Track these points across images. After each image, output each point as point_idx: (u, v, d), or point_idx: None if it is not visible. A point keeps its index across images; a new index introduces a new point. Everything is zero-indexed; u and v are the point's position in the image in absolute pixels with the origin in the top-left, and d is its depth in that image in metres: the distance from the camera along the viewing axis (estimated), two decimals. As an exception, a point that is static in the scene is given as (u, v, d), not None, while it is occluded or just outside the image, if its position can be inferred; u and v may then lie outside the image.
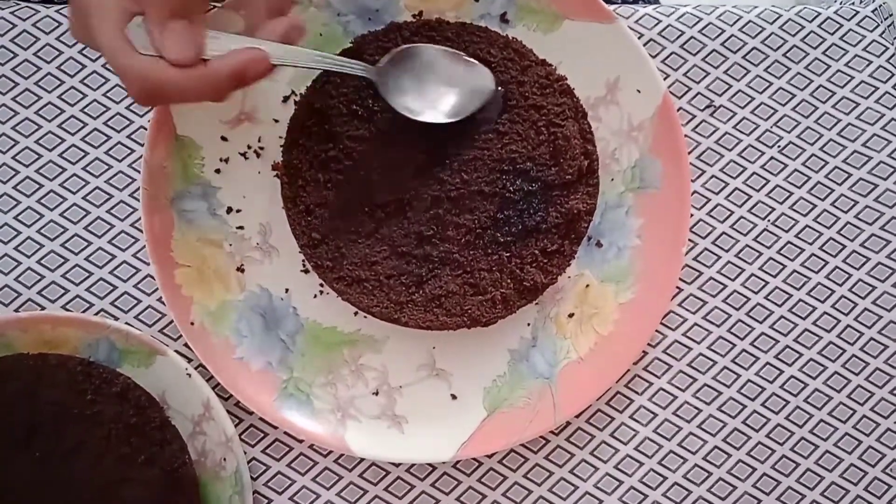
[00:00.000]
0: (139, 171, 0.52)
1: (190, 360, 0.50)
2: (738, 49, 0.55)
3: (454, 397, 0.51)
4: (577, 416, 0.52)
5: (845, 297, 0.53)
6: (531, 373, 0.51)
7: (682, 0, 0.58)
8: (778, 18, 0.55)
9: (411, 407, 0.51)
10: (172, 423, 0.48)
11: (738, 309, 0.53)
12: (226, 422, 0.48)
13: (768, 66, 0.55)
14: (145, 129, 0.52)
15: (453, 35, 0.51)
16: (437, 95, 0.49)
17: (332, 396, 0.50)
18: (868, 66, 0.55)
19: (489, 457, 0.51)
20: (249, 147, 0.52)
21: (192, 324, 0.50)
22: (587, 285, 0.52)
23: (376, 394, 0.51)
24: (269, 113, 0.52)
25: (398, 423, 0.50)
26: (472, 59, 0.49)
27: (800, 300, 0.53)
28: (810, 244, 0.54)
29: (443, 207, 0.49)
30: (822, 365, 0.53)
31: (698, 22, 0.55)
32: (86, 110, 0.53)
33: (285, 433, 0.51)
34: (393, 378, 0.51)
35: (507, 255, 0.49)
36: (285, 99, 0.52)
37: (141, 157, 0.52)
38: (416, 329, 0.49)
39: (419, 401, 0.51)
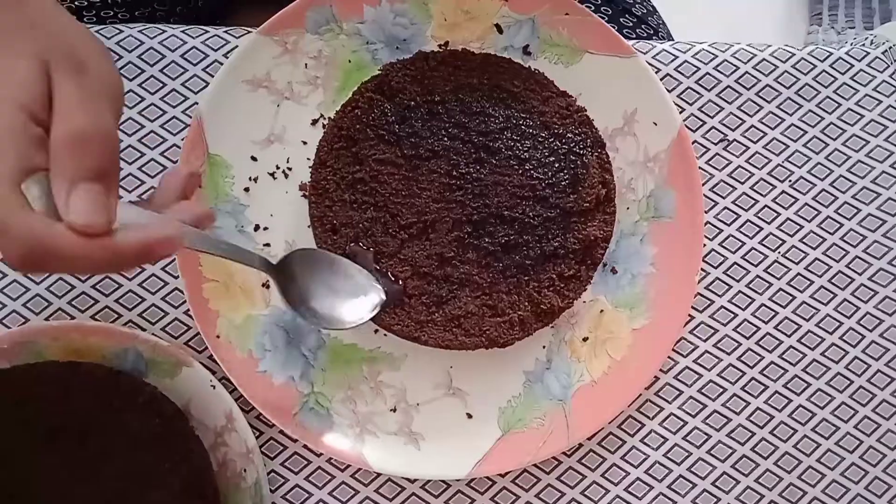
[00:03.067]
0: (171, 188, 0.53)
1: (214, 373, 0.51)
2: (752, 86, 0.57)
3: (470, 416, 0.52)
4: (590, 439, 0.53)
5: (853, 329, 0.55)
6: (545, 394, 0.52)
7: (698, 37, 0.60)
8: (791, 57, 0.57)
9: (428, 424, 0.52)
10: (196, 434, 0.50)
11: (748, 338, 0.54)
12: (247, 433, 0.50)
13: (781, 103, 0.57)
14: (178, 147, 0.54)
15: (478, 65, 0.53)
16: (327, 303, 0.48)
17: (352, 412, 0.52)
18: (878, 105, 0.57)
19: (502, 476, 0.52)
20: (278, 167, 0.54)
21: (218, 337, 0.51)
22: (602, 310, 0.53)
23: (394, 410, 0.52)
24: (298, 135, 0.54)
25: (415, 439, 0.52)
26: (367, 274, 0.50)
27: (808, 331, 0.54)
28: (819, 277, 0.55)
29: (464, 230, 0.51)
30: (830, 395, 0.54)
31: (714, 59, 0.57)
32: (121, 127, 0.55)
33: (304, 447, 0.52)
34: (411, 395, 0.52)
35: (526, 278, 0.51)
36: (314, 122, 0.54)
37: (173, 174, 0.54)
38: (434, 348, 0.51)
39: (436, 419, 0.52)
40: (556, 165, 0.51)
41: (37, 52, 0.35)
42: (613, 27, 0.54)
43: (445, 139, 0.51)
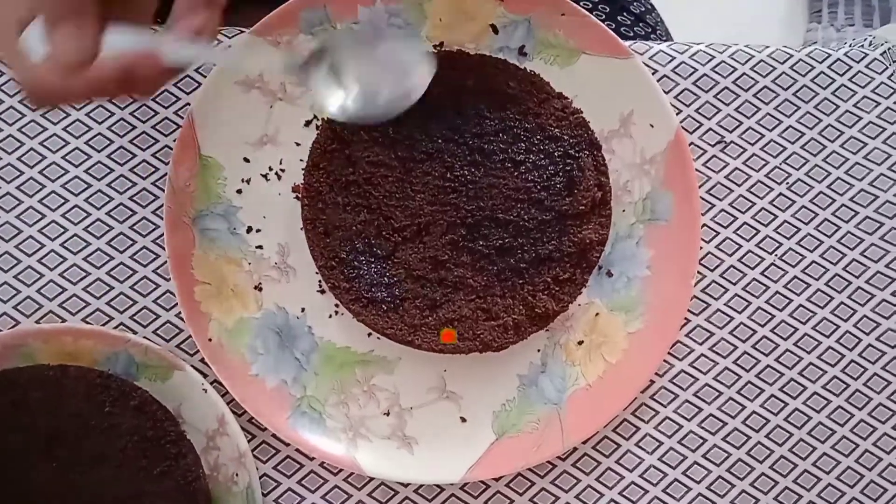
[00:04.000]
0: (162, 189, 0.53)
1: (206, 376, 0.51)
2: (750, 87, 0.56)
3: (464, 420, 0.52)
4: (584, 443, 0.52)
5: (850, 333, 0.54)
6: (540, 398, 0.52)
7: (697, 33, 0.59)
8: (789, 59, 0.57)
9: (421, 428, 0.52)
10: (187, 438, 0.49)
11: (744, 341, 0.54)
12: (239, 437, 0.49)
13: (778, 105, 0.56)
14: (170, 148, 0.54)
15: (473, 66, 0.52)
16: (361, 91, 0.44)
17: (345, 416, 0.51)
18: (876, 107, 0.57)
19: (496, 480, 0.52)
20: (271, 169, 0.53)
21: (210, 340, 0.51)
22: (597, 314, 0.53)
23: (387, 414, 0.52)
24: (291, 136, 0.53)
25: (408, 443, 0.51)
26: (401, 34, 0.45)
27: (805, 334, 0.54)
28: (816, 279, 0.55)
29: (458, 233, 0.50)
30: (826, 399, 0.54)
31: (711, 60, 0.56)
32: (112, 128, 0.54)
33: (297, 450, 0.52)
34: (404, 399, 0.52)
35: (520, 281, 0.50)
36: (307, 123, 0.54)
37: (165, 175, 0.53)
38: (428, 352, 0.50)
39: (429, 422, 0.52)
40: (552, 168, 0.51)
41: None
42: (611, 25, 0.54)
43: (440, 141, 0.51)
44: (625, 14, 0.69)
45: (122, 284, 0.53)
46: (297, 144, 0.53)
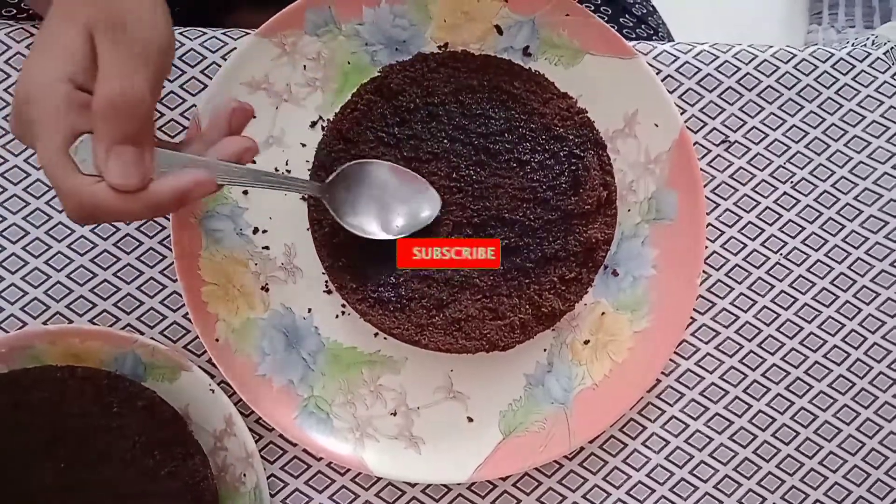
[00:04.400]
0: (169, 191, 0.53)
1: (213, 376, 0.51)
2: (753, 87, 0.56)
3: (470, 420, 0.52)
4: (591, 442, 0.52)
5: (855, 331, 0.54)
6: (546, 398, 0.52)
7: (698, 35, 0.60)
8: (792, 58, 0.57)
9: (428, 428, 0.52)
10: (195, 438, 0.49)
11: (750, 340, 0.54)
12: (247, 438, 0.49)
13: (782, 104, 0.56)
14: (176, 149, 0.54)
15: (478, 66, 0.52)
16: (384, 215, 0.49)
17: (352, 416, 0.51)
18: (879, 106, 0.57)
19: (503, 479, 0.52)
20: (277, 169, 0.53)
21: (217, 340, 0.51)
22: (603, 313, 0.53)
23: (394, 414, 0.52)
24: (296, 137, 0.54)
25: (415, 443, 0.51)
26: (419, 177, 0.50)
27: (811, 333, 0.54)
28: (821, 278, 0.55)
29: (464, 233, 0.50)
30: (832, 398, 0.54)
31: (715, 60, 0.56)
32: (119, 130, 0.54)
33: (304, 451, 0.52)
34: (411, 399, 0.52)
35: (527, 281, 0.50)
36: (313, 124, 0.54)
37: (171, 176, 0.53)
38: (434, 351, 0.50)
39: (436, 422, 0.52)
40: (557, 168, 0.51)
41: (86, 20, 0.38)
42: (613, 27, 0.54)
43: (445, 141, 0.51)
44: (627, 16, 0.70)
45: (129, 285, 0.53)
46: (303, 145, 0.54)
